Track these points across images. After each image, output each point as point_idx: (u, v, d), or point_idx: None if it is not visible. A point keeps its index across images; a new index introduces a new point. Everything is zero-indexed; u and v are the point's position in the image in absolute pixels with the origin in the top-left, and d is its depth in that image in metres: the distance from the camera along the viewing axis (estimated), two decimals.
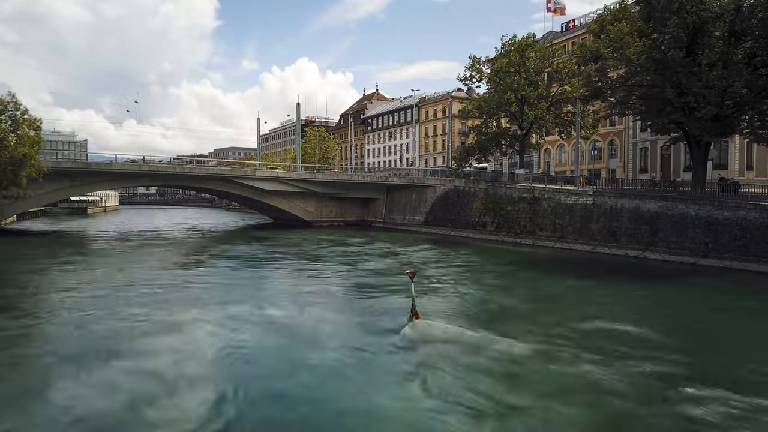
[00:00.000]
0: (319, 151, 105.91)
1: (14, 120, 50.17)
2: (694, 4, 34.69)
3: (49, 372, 14.98)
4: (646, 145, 57.03)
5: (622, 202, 41.32)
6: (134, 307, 22.18)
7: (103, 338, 17.85)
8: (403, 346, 17.31)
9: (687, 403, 12.78)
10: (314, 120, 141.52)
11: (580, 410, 12.61)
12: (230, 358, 16.39)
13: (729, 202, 35.67)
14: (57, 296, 25.16)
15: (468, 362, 15.61)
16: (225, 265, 36.11)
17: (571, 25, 70.13)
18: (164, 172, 63.66)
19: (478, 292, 27.89)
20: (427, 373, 14.82)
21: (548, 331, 18.94)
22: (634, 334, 19.00)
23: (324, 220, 70.27)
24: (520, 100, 54.66)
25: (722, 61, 34.55)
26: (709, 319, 22.31)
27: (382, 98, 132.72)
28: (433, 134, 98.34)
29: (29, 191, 50.97)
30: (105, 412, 12.36)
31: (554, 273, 33.30)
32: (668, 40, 35.47)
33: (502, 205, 51.90)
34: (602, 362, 15.50)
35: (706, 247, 35.40)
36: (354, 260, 38.39)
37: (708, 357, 17.08)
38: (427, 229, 60.61)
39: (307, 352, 16.65)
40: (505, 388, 13.76)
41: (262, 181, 65.48)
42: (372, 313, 21.94)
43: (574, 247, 43.04)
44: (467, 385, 13.82)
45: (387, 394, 13.52)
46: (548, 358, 15.96)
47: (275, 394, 13.56)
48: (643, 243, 38.82)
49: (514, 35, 57.06)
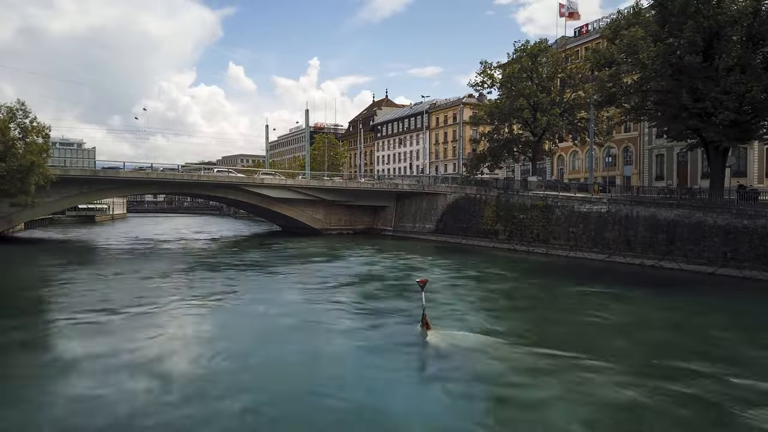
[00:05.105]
0: (328, 158, 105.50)
1: (23, 128, 50.09)
2: (710, 8, 34.07)
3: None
4: (662, 151, 56.14)
5: (637, 210, 40.46)
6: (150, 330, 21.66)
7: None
8: (415, 356, 17.13)
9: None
10: (323, 127, 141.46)
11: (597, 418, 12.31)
12: (245, 366, 16.05)
13: (748, 210, 34.77)
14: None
15: (481, 372, 15.39)
16: (235, 277, 35.45)
17: (584, 30, 69.50)
18: (172, 179, 63.27)
19: (491, 301, 27.22)
20: (439, 383, 14.60)
21: (565, 341, 18.39)
22: (657, 344, 18.51)
23: (333, 228, 69.66)
24: (533, 106, 54.02)
25: (740, 66, 33.92)
26: (734, 334, 21.49)
27: (392, 104, 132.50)
28: (444, 141, 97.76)
29: (37, 199, 50.73)
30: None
31: (569, 282, 32.52)
32: (684, 44, 34.88)
33: (515, 212, 51.14)
34: (617, 372, 15.10)
35: (724, 257, 34.46)
36: (363, 269, 37.78)
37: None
38: (437, 237, 59.88)
39: (314, 366, 16.25)
40: (521, 396, 13.60)
41: (270, 189, 64.98)
42: (383, 324, 21.34)
43: (588, 255, 42.17)
44: (480, 396, 13.71)
45: (397, 405, 13.33)
46: (565, 368, 15.50)
47: (289, 401, 13.50)
48: (659, 252, 37.91)
49: (526, 41, 56.64)
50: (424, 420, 12.46)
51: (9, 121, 49.10)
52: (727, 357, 17.37)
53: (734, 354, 17.94)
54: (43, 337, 19.54)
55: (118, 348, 17.46)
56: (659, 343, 19.27)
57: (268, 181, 65.93)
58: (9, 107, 49.54)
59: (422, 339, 18.19)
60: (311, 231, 67.77)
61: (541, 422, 12.23)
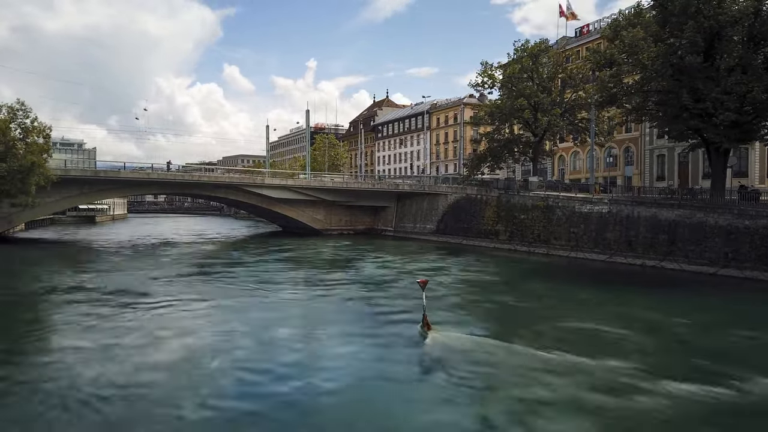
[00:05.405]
0: (329, 159, 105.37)
1: (24, 128, 50.04)
2: (711, 8, 33.92)
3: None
4: (663, 152, 56.06)
5: (638, 210, 40.40)
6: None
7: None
8: (416, 357, 17.07)
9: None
10: (324, 127, 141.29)
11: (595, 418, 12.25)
12: (245, 369, 15.92)
13: (749, 210, 34.73)
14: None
15: (481, 373, 15.38)
16: (236, 277, 35.48)
17: (585, 31, 69.39)
18: (173, 180, 63.25)
19: (492, 302, 27.15)
20: (439, 384, 14.57)
21: (566, 342, 18.26)
22: (658, 345, 18.47)
23: (333, 228, 69.61)
24: (533, 106, 53.96)
25: (741, 66, 33.84)
26: (735, 334, 21.41)
27: (393, 105, 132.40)
28: (445, 141, 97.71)
29: (38, 199, 50.66)
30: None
31: (570, 283, 32.50)
32: (685, 45, 34.81)
33: (515, 213, 51.07)
34: (618, 373, 15.02)
35: (726, 257, 34.38)
36: (363, 269, 37.71)
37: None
38: (438, 237, 59.82)
39: (314, 366, 16.20)
40: (522, 397, 13.54)
41: (271, 189, 64.94)
42: (383, 324, 21.35)
43: (589, 256, 42.08)
44: (480, 397, 13.70)
45: (397, 405, 13.31)
46: (566, 369, 15.46)
47: (288, 401, 13.41)
48: (660, 252, 37.83)
49: (526, 41, 56.57)
50: (424, 420, 12.41)
51: (10, 121, 49.07)
52: (727, 357, 17.32)
53: (734, 354, 17.90)
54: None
55: (118, 352, 17.43)
56: (660, 344, 19.23)
57: (268, 182, 65.90)
58: (10, 107, 49.51)
59: (422, 339, 18.12)
60: (312, 231, 67.71)
61: (542, 423, 12.17)
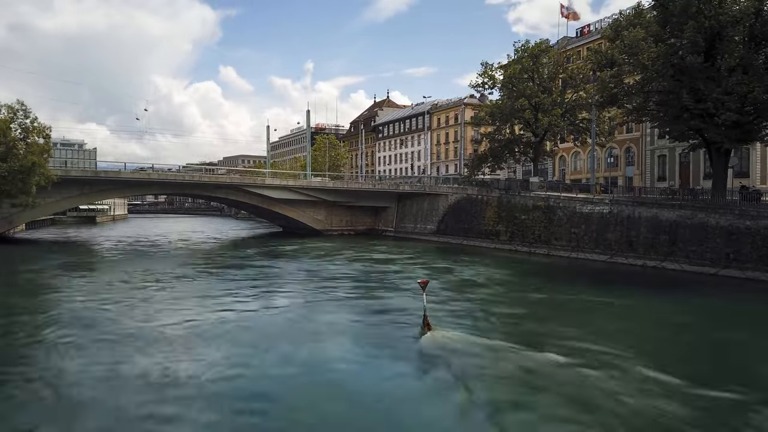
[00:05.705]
0: (329, 159, 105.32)
1: (24, 128, 50.08)
2: (712, 8, 33.85)
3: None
4: (664, 152, 55.97)
5: (639, 210, 40.33)
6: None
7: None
8: (416, 358, 17.05)
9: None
10: (324, 127, 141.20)
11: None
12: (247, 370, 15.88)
13: (751, 210, 34.66)
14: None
15: (481, 374, 15.32)
16: (235, 277, 35.46)
17: (585, 31, 69.28)
18: (173, 180, 63.33)
19: (492, 302, 27.03)
20: (440, 384, 14.56)
21: (566, 343, 18.22)
22: (659, 346, 18.41)
23: (334, 228, 69.59)
24: (534, 106, 53.89)
25: (742, 67, 33.73)
26: (736, 334, 21.37)
27: (393, 105, 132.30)
28: (445, 142, 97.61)
29: (38, 200, 50.73)
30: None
31: (571, 283, 32.40)
32: (686, 45, 34.70)
33: (516, 213, 51.01)
34: (618, 374, 15.00)
35: (727, 258, 34.30)
36: (364, 269, 37.68)
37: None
38: (438, 237, 59.77)
39: (314, 366, 16.18)
40: (523, 398, 13.54)
41: (272, 190, 64.97)
42: (383, 325, 21.33)
43: (590, 256, 42.01)
44: (480, 397, 13.65)
45: (396, 405, 13.34)
46: (566, 370, 15.42)
47: (288, 402, 13.49)
48: (661, 253, 37.76)
49: (527, 41, 56.53)
50: (423, 421, 12.39)
51: (10, 121, 49.12)
52: (727, 357, 17.31)
53: (734, 354, 17.88)
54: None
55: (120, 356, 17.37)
56: (661, 345, 19.23)
57: (269, 182, 65.91)
58: (10, 107, 49.57)
59: (423, 340, 18.07)
60: (312, 232, 67.69)
61: (542, 424, 12.17)
